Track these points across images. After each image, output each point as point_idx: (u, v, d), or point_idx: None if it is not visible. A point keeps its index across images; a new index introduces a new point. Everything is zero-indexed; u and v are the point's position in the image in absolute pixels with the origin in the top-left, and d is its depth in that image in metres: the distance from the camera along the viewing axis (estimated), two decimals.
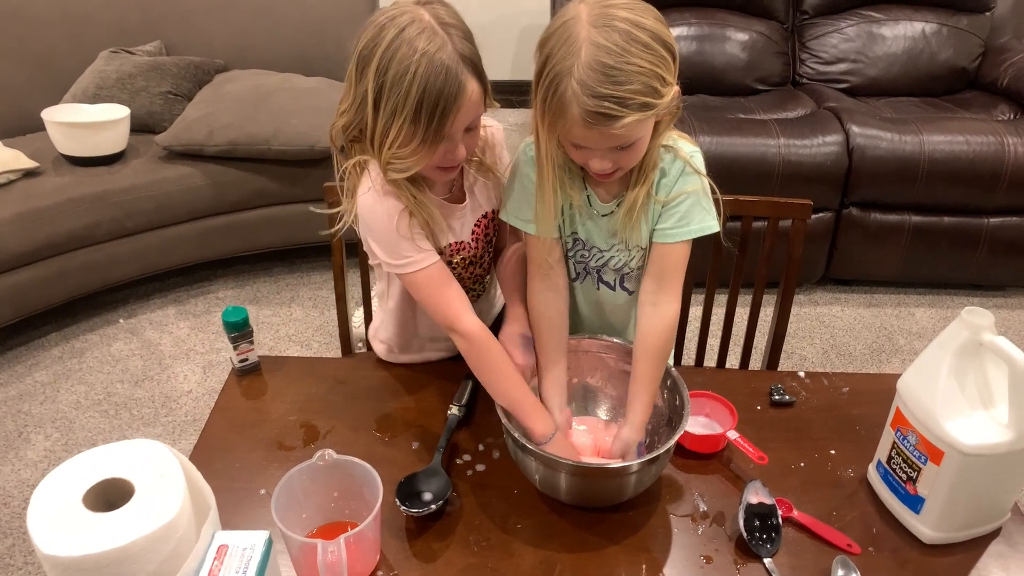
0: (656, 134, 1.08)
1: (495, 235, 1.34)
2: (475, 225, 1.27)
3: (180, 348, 2.49)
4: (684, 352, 1.56)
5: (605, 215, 1.19)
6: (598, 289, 1.29)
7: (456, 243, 1.25)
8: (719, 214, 1.17)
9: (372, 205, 1.14)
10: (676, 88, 1.01)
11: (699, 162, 1.16)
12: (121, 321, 2.62)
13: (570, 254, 1.25)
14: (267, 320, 2.63)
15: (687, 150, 1.15)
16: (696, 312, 1.62)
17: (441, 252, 1.22)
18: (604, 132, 0.98)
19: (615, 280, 1.27)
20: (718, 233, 1.19)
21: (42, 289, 2.37)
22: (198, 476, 0.82)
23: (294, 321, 2.62)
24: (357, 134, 1.11)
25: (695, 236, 1.16)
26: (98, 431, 2.17)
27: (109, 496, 0.79)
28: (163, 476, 0.79)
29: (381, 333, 1.43)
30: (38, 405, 2.27)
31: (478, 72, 1.05)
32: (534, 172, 1.15)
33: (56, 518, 0.75)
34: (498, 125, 1.30)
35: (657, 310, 1.16)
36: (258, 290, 2.79)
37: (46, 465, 2.07)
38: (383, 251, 1.17)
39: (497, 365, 1.16)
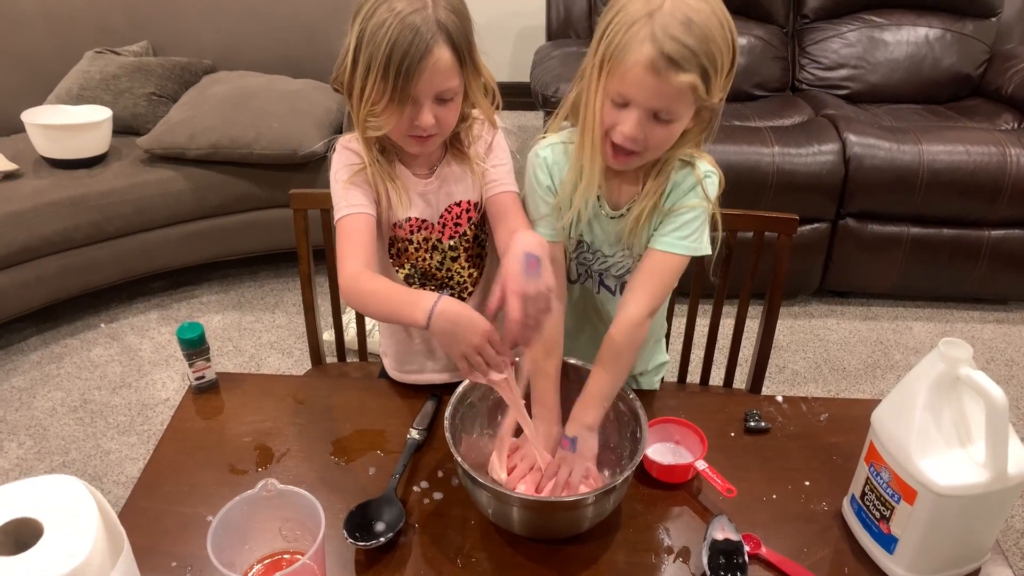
0: (681, 142, 1.10)
1: (477, 231, 1.29)
2: (445, 210, 1.25)
3: (160, 355, 2.45)
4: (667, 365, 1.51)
5: (614, 217, 1.20)
6: (598, 292, 1.29)
7: (417, 219, 1.23)
8: (715, 247, 1.18)
9: (334, 157, 1.20)
10: (722, 97, 1.04)
11: (710, 185, 1.16)
12: (102, 326, 2.58)
13: (573, 255, 1.26)
14: (250, 326, 2.58)
15: (703, 170, 1.16)
16: (680, 323, 1.57)
17: (400, 226, 1.23)
18: (660, 83, 0.99)
19: (616, 286, 1.27)
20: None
21: (19, 293, 2.33)
22: (113, 516, 0.77)
23: (277, 328, 2.58)
24: (339, 87, 1.13)
25: (680, 253, 1.15)
26: (72, 439, 2.14)
27: (19, 536, 0.74)
28: (75, 516, 0.74)
29: (382, 344, 1.42)
30: (13, 412, 2.23)
31: (454, 43, 1.05)
32: (542, 173, 1.20)
33: None
34: (497, 129, 1.25)
35: (623, 307, 1.14)
36: (243, 295, 2.75)
37: (17, 474, 2.03)
38: (334, 201, 1.19)
39: (371, 288, 1.09)
